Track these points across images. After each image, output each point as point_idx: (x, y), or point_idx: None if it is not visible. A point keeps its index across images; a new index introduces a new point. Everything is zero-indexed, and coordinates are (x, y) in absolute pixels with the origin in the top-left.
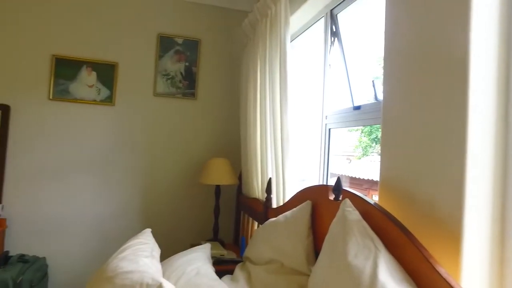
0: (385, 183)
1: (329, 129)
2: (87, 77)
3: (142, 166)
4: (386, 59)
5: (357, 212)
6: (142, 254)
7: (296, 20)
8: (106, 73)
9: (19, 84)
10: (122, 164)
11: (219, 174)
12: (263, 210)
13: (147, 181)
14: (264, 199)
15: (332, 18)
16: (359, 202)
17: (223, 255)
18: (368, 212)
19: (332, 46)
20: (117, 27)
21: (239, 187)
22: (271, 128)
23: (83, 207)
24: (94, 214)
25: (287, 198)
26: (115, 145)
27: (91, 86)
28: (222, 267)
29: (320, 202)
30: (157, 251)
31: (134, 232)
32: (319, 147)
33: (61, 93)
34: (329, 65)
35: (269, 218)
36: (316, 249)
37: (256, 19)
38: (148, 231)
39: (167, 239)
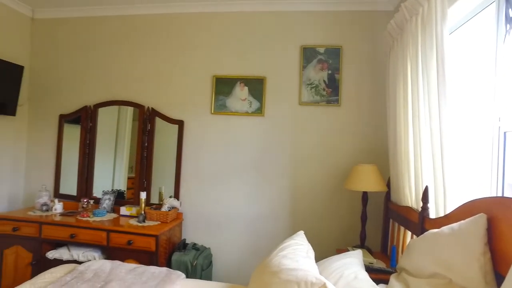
0: None
1: (504, 133)
2: (240, 92)
3: (289, 171)
4: None
5: None
6: (300, 254)
7: (453, 12)
8: (256, 87)
9: (189, 102)
10: (271, 169)
11: (366, 180)
12: (419, 220)
13: (294, 185)
14: (420, 209)
15: (508, 1)
16: None
17: (372, 263)
18: None
19: (507, 35)
20: (264, 45)
21: (388, 194)
22: (427, 132)
23: (239, 206)
24: (248, 214)
25: (448, 209)
26: (265, 152)
27: (243, 100)
28: (371, 276)
29: (499, 217)
30: (311, 253)
31: (283, 232)
32: (490, 153)
33: (220, 108)
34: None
35: (426, 229)
36: (495, 269)
37: (404, 19)
38: (301, 233)
39: (313, 242)
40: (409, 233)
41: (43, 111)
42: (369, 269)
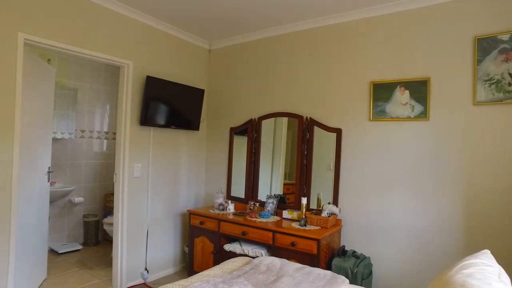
0: None
1: None
2: (401, 96)
3: (462, 180)
4: None
5: None
6: (491, 277)
7: None
8: (418, 90)
9: (346, 110)
10: (437, 177)
11: None
12: None
13: (468, 196)
14: None
15: None
16: None
17: None
18: None
19: None
20: (426, 43)
21: None
22: None
23: (402, 217)
24: (412, 225)
25: None
26: (431, 159)
27: (404, 104)
28: None
29: None
30: (506, 278)
31: (455, 249)
32: None
33: (379, 114)
34: None
35: None
36: None
37: None
38: (488, 252)
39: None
40: None
41: (218, 125)
42: None
